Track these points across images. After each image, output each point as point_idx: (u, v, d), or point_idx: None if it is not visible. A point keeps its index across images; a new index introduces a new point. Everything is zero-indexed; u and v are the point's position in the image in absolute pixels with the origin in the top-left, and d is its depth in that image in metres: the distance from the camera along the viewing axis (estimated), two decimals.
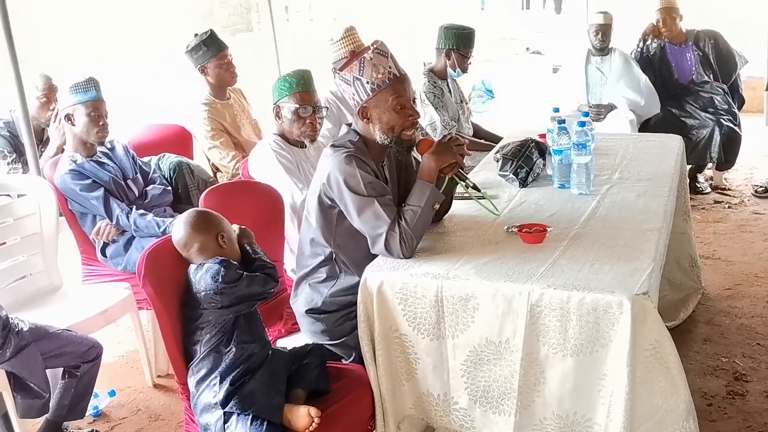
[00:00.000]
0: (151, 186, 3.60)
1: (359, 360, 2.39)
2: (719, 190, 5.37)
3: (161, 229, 3.30)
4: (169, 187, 3.68)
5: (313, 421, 2.13)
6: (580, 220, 2.57)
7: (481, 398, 2.22)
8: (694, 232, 3.84)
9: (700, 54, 5.35)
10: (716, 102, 5.24)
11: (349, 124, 2.59)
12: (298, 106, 3.15)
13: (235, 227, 2.42)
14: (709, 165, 5.43)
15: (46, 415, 2.89)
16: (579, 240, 2.40)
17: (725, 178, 5.51)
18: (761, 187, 5.24)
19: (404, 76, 2.44)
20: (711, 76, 5.34)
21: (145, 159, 3.76)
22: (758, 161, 5.73)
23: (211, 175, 4.12)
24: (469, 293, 2.17)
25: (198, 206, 2.81)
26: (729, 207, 5.07)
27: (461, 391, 2.25)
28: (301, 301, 2.61)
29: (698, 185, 5.36)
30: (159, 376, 3.46)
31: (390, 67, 2.40)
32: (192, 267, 2.28)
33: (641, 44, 5.48)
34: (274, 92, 3.21)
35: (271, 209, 2.99)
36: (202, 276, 2.21)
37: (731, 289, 3.84)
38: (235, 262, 2.28)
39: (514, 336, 2.13)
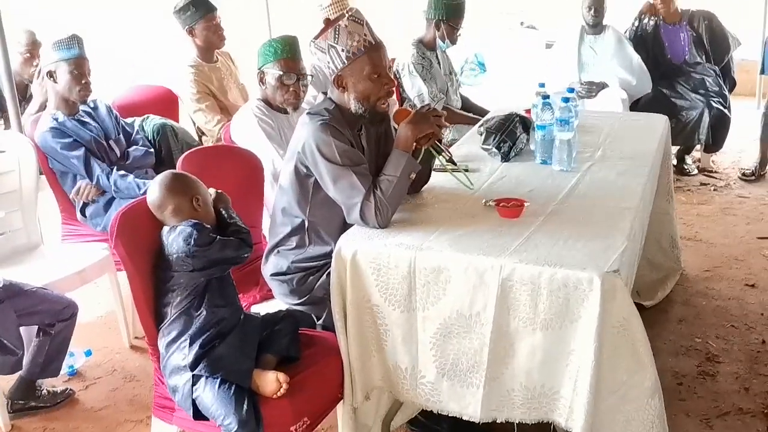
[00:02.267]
0: (134, 147, 3.58)
1: (331, 318, 2.39)
2: (706, 173, 5.37)
3: (142, 191, 3.28)
4: (152, 149, 3.66)
5: (281, 387, 2.13)
6: (558, 197, 2.56)
7: (450, 371, 2.22)
8: (678, 213, 3.85)
9: (694, 34, 5.31)
10: (707, 83, 5.23)
11: (325, 93, 2.57)
12: (282, 72, 3.12)
13: (212, 191, 2.40)
14: (697, 147, 5.43)
15: (19, 372, 2.90)
16: (555, 216, 2.40)
17: (713, 161, 5.52)
18: (748, 170, 5.25)
19: (380, 43, 2.42)
20: (703, 57, 5.31)
21: (129, 120, 3.73)
22: (746, 145, 5.72)
23: (196, 138, 4.09)
24: (441, 265, 2.16)
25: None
26: (714, 189, 5.07)
27: (429, 364, 2.25)
28: (269, 266, 2.65)
29: (685, 167, 5.36)
30: (136, 338, 3.46)
31: (365, 35, 2.37)
32: (165, 229, 2.27)
33: (636, 22, 5.44)
34: (259, 57, 3.17)
35: (251, 175, 2.98)
36: (175, 238, 2.20)
37: (710, 270, 3.86)
38: (209, 226, 2.27)
39: (485, 309, 2.13)
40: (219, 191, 2.43)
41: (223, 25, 4.24)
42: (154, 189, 2.30)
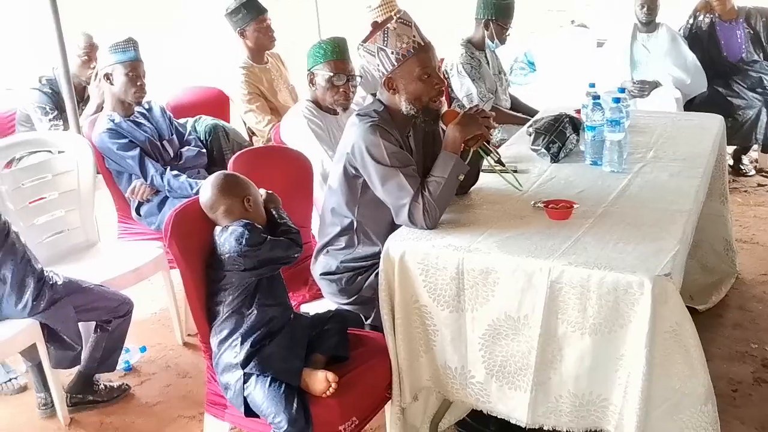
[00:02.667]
0: (186, 148, 3.65)
1: (380, 318, 2.40)
2: (764, 173, 5.23)
3: (194, 191, 3.35)
4: (204, 150, 3.73)
5: (331, 386, 2.16)
6: (608, 198, 2.53)
7: (498, 373, 2.22)
8: (734, 214, 3.77)
9: (751, 32, 5.18)
10: (765, 82, 5.09)
11: (374, 94, 2.59)
12: (332, 74, 3.15)
13: (263, 191, 2.44)
14: (755, 147, 5.29)
15: (78, 367, 2.99)
16: (605, 218, 2.37)
17: None
18: None
19: (428, 44, 2.43)
20: (761, 55, 5.17)
21: (182, 120, 3.81)
22: None
23: (247, 138, 4.16)
24: (489, 267, 2.16)
25: None
26: None
27: (478, 364, 2.25)
28: (318, 266, 2.68)
29: (742, 167, 5.24)
30: (189, 335, 3.54)
31: (414, 36, 2.39)
32: (217, 229, 2.31)
33: (691, 20, 5.33)
34: (309, 59, 3.21)
35: (300, 175, 3.01)
36: (227, 238, 2.24)
37: (767, 275, 3.76)
38: (260, 226, 2.30)
39: (533, 312, 2.12)
40: (269, 191, 2.46)
41: (273, 26, 4.30)
42: (206, 189, 2.34)
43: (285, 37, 4.50)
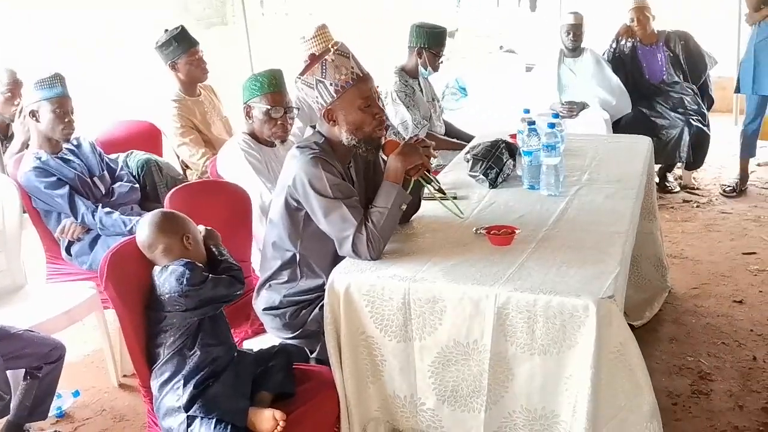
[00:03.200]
0: (118, 184, 3.55)
1: (325, 351, 2.37)
2: (688, 190, 5.43)
3: (128, 228, 3.26)
4: (137, 185, 3.63)
5: (278, 425, 2.11)
6: (548, 222, 2.57)
7: (450, 398, 2.22)
8: (663, 231, 3.87)
9: (671, 55, 5.40)
10: (686, 102, 5.29)
11: (314, 126, 2.58)
12: (269, 107, 3.13)
13: (201, 228, 2.39)
14: (679, 164, 5.48)
15: (7, 417, 2.84)
16: (547, 242, 2.41)
17: (694, 178, 5.58)
18: (729, 186, 5.31)
19: (367, 75, 2.43)
20: (681, 76, 5.39)
21: (113, 156, 3.71)
22: (726, 161, 5.80)
23: (181, 172, 4.07)
24: (436, 296, 2.16)
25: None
26: (697, 206, 5.12)
27: (429, 391, 2.24)
28: (260, 301, 2.63)
29: (667, 184, 5.41)
30: (125, 376, 3.42)
31: (353, 68, 2.39)
32: (156, 269, 2.24)
33: (614, 44, 5.52)
34: (245, 91, 3.18)
35: (239, 209, 2.96)
36: (167, 278, 2.18)
37: (698, 288, 3.88)
38: (201, 264, 2.25)
39: (482, 337, 2.13)
40: (208, 228, 2.41)
41: (204, 58, 4.25)
42: (143, 229, 2.28)
43: (216, 68, 4.44)
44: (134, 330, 2.23)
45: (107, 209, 3.34)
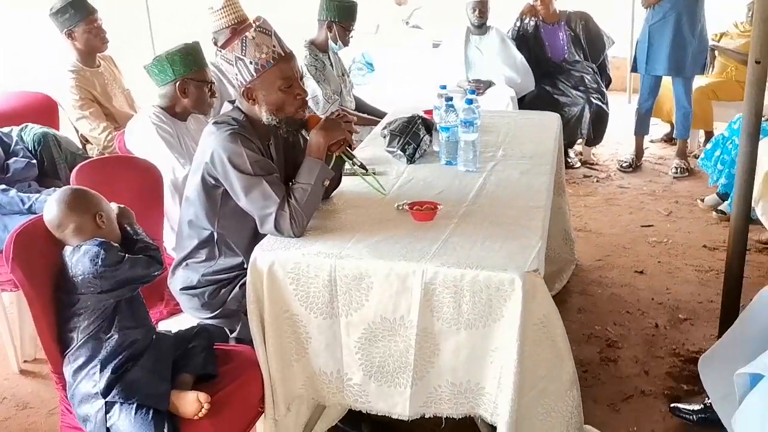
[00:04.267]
0: (13, 159, 3.33)
1: (246, 330, 2.33)
2: (588, 165, 5.62)
3: (26, 206, 3.07)
4: (34, 161, 3.42)
5: (203, 407, 2.05)
6: (468, 198, 2.60)
7: (377, 373, 2.22)
8: (568, 206, 3.99)
9: (572, 34, 5.55)
10: (586, 80, 5.46)
11: (232, 101, 2.50)
12: (205, 81, 3.03)
13: (114, 206, 2.28)
14: (579, 141, 5.67)
15: None
16: (468, 217, 2.43)
17: (593, 154, 5.78)
18: (625, 162, 5.53)
19: (290, 54, 2.37)
20: (581, 55, 5.56)
21: (5, 129, 3.48)
22: (623, 137, 6.03)
23: (81, 147, 3.87)
24: (362, 272, 2.15)
25: (66, 181, 2.63)
26: (597, 181, 5.32)
27: (355, 367, 2.24)
28: (177, 281, 2.55)
29: (569, 160, 5.58)
30: (26, 361, 3.25)
31: (274, 46, 2.32)
32: (68, 249, 2.12)
33: (518, 23, 5.63)
34: (174, 66, 2.99)
35: (150, 186, 2.84)
36: (80, 259, 2.07)
37: (602, 260, 4.04)
38: (116, 244, 2.14)
39: (409, 313, 2.13)
40: (122, 206, 2.30)
41: (104, 27, 4.04)
42: (51, 207, 2.15)
43: (115, 37, 4.23)
44: (44, 314, 2.11)
45: (2, 186, 3.14)
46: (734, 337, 2.49)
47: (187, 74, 3.00)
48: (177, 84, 3.00)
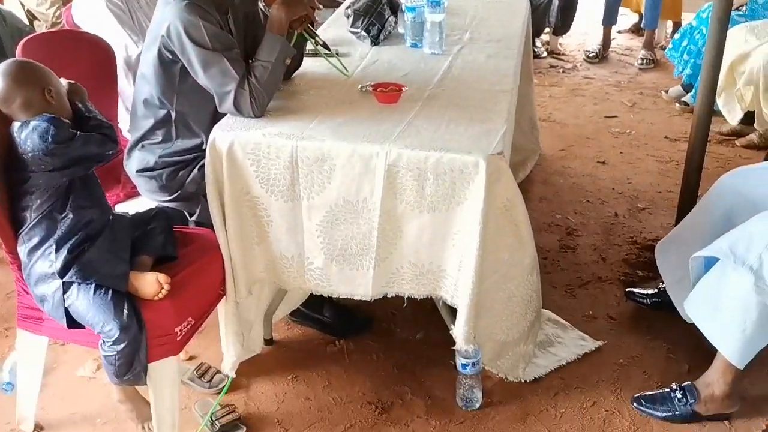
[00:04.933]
0: None
1: (206, 214, 2.29)
2: (555, 55, 5.55)
3: None
4: None
5: (163, 288, 2.03)
6: (433, 81, 2.53)
7: (338, 256, 2.21)
8: (534, 94, 3.95)
9: None
10: None
11: None
12: None
13: (64, 82, 2.16)
14: (547, 30, 5.56)
15: None
16: (433, 100, 2.37)
17: (560, 44, 5.69)
18: (592, 52, 5.47)
19: None
20: None
21: None
22: (590, 27, 5.94)
23: (27, 23, 3.68)
24: (325, 154, 2.10)
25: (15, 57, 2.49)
26: (563, 71, 5.26)
27: (317, 251, 2.22)
28: (133, 162, 2.48)
29: (536, 50, 5.48)
30: None
31: None
32: (15, 125, 2.02)
33: None
34: None
35: (102, 63, 2.72)
36: (29, 135, 1.97)
37: (565, 150, 4.04)
38: (67, 121, 2.05)
39: (372, 195, 2.10)
40: (72, 82, 2.19)
41: None
42: None
43: None
44: None
45: None
46: (691, 224, 2.54)
47: None
48: None
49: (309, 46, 2.52)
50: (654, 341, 2.60)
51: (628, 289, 2.81)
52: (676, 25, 5.54)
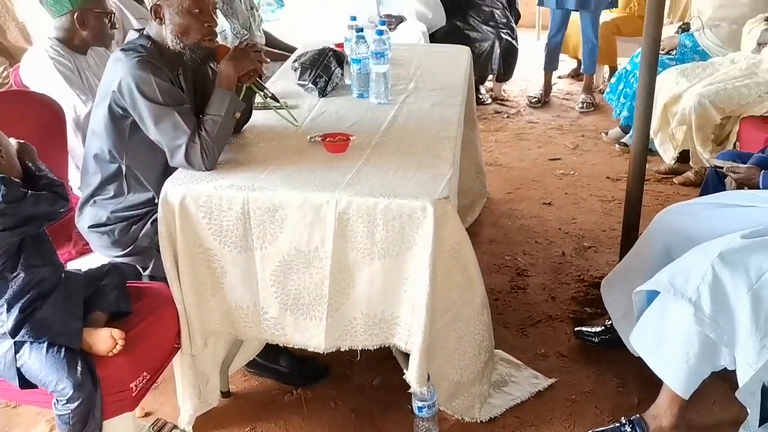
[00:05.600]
0: None
1: (159, 267, 2.30)
2: (499, 101, 5.71)
3: None
4: None
5: (117, 343, 2.03)
6: (380, 129, 2.61)
7: (292, 306, 2.23)
8: (479, 140, 4.07)
9: None
10: (496, 16, 5.49)
11: (139, 30, 2.41)
12: (104, 12, 2.92)
13: (13, 141, 2.17)
14: (490, 77, 5.74)
15: None
16: (381, 148, 2.44)
17: (504, 90, 5.86)
18: (534, 98, 5.64)
19: None
20: None
21: None
22: (531, 74, 6.14)
23: None
24: (276, 204, 2.14)
25: None
26: (508, 117, 5.42)
27: (271, 300, 2.24)
28: (85, 219, 2.48)
29: (480, 96, 5.65)
30: None
31: None
32: None
33: None
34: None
35: (51, 121, 2.73)
36: None
37: (512, 192, 4.15)
38: (17, 180, 2.06)
39: (323, 244, 2.14)
40: (21, 141, 2.19)
41: None
42: None
43: None
44: None
45: None
46: (633, 260, 2.63)
47: (86, 5, 2.86)
48: (75, 15, 2.86)
49: (258, 98, 2.58)
50: (604, 376, 2.67)
51: (576, 329, 2.88)
52: (613, 69, 5.75)
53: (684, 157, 4.21)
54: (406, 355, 2.28)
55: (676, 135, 4.07)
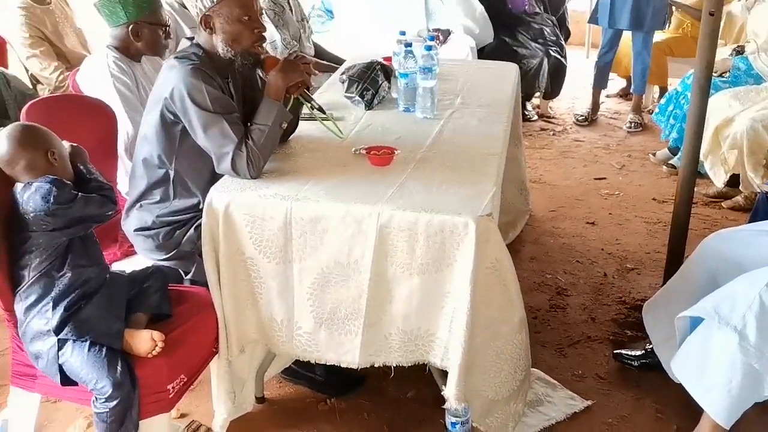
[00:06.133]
0: None
1: (201, 272, 2.33)
2: (545, 118, 5.68)
3: None
4: None
5: (157, 345, 2.06)
6: (425, 144, 2.61)
7: (327, 321, 2.23)
8: (524, 157, 4.05)
9: None
10: (545, 33, 5.48)
11: (190, 38, 2.45)
12: (159, 23, 2.97)
13: (67, 144, 2.24)
14: (537, 94, 5.71)
15: None
16: (425, 163, 2.45)
17: (550, 107, 5.84)
18: (581, 116, 5.60)
19: None
20: (542, 7, 5.57)
21: None
22: (579, 92, 6.10)
23: (31, 87, 3.78)
24: (319, 215, 2.15)
25: (16, 121, 2.57)
26: (553, 134, 5.38)
27: (306, 315, 2.25)
28: (131, 222, 2.53)
29: (526, 113, 5.62)
30: None
31: None
32: (18, 186, 2.09)
33: None
34: (130, 8, 2.87)
35: (105, 127, 2.79)
36: (31, 196, 2.04)
37: (555, 211, 4.12)
38: (69, 182, 2.11)
39: (363, 257, 2.15)
40: (75, 145, 2.26)
41: None
42: (2, 143, 2.10)
43: None
44: None
45: None
46: (677, 284, 2.59)
47: (140, 17, 2.92)
48: (130, 27, 2.92)
49: (305, 109, 2.60)
50: (643, 401, 2.63)
51: (616, 351, 2.83)
52: (663, 90, 5.68)
53: (734, 181, 4.13)
54: (443, 371, 2.27)
55: (728, 159, 4.00)
